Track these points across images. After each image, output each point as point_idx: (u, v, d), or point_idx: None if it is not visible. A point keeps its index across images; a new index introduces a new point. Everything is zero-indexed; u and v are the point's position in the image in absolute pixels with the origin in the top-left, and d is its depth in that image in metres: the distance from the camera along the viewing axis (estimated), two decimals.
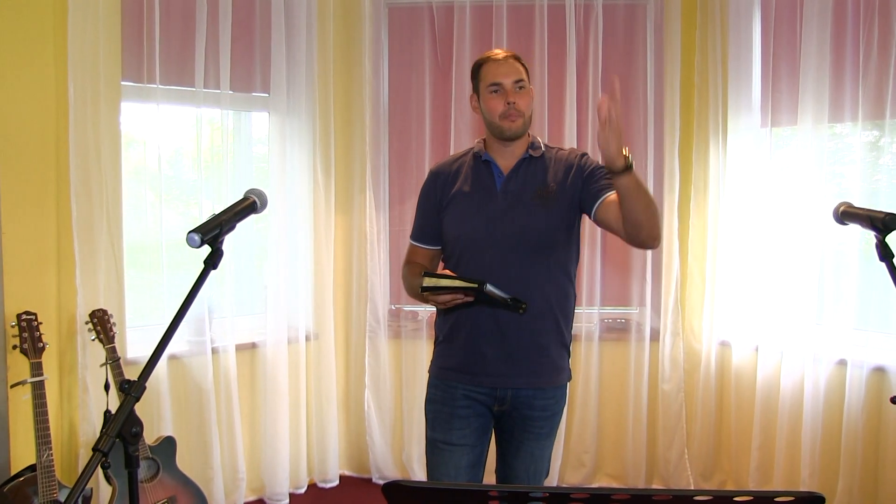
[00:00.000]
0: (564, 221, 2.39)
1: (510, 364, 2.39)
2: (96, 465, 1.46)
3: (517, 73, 2.39)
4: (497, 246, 2.37)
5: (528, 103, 2.41)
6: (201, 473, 3.59)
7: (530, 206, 2.38)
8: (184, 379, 3.64)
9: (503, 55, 2.43)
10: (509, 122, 2.37)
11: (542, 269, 2.38)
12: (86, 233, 3.29)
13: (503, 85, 2.37)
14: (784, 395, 3.64)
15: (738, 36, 3.85)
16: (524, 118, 2.38)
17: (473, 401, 2.43)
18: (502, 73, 2.38)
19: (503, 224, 2.38)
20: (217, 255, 1.79)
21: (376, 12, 4.15)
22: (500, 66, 2.39)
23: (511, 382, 2.40)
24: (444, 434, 2.45)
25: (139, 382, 1.57)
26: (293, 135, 3.96)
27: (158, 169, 3.57)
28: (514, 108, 2.36)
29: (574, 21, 4.02)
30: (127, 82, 3.45)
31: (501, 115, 2.37)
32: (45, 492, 2.87)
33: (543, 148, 2.47)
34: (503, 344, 2.39)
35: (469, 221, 2.42)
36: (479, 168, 2.47)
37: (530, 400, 2.42)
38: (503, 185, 2.42)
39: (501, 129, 2.39)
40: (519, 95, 2.37)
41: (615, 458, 4.16)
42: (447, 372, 2.47)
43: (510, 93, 2.36)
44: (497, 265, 2.35)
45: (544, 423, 2.45)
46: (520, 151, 2.44)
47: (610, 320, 4.21)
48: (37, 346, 2.98)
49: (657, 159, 4.08)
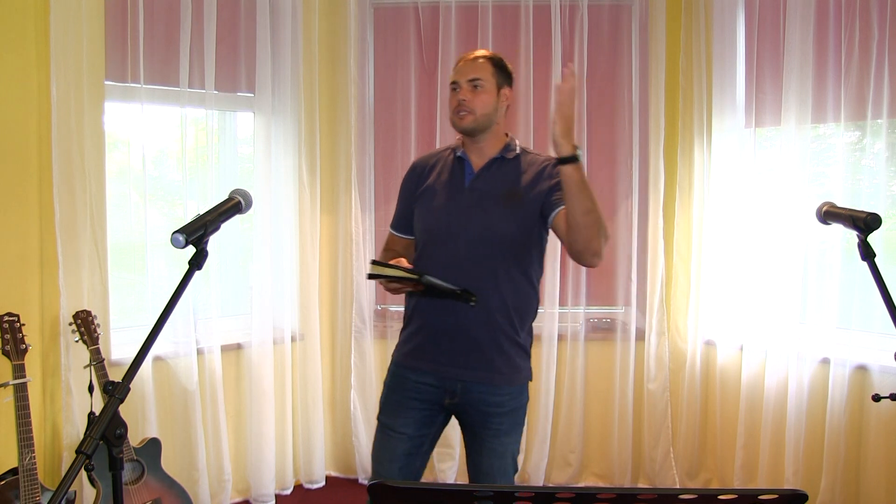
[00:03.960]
0: (527, 226, 2.42)
1: (459, 357, 2.43)
2: (80, 468, 1.45)
3: (476, 71, 2.44)
4: (456, 241, 2.42)
5: (485, 102, 2.43)
6: (187, 475, 3.57)
7: (494, 206, 2.42)
8: (169, 380, 3.62)
9: (474, 56, 2.49)
10: (458, 119, 2.44)
11: (498, 267, 2.40)
12: (69, 233, 3.26)
13: (459, 83, 2.45)
14: (768, 394, 3.67)
15: (723, 37, 3.88)
16: (475, 116, 2.42)
17: (423, 391, 2.47)
18: (462, 71, 2.46)
19: (465, 220, 2.43)
20: (202, 255, 1.78)
21: (362, 12, 4.14)
22: (464, 66, 2.47)
23: (460, 376, 2.43)
24: (388, 419, 2.52)
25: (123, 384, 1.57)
26: (278, 135, 3.95)
27: (143, 169, 3.55)
28: (463, 105, 2.42)
29: (559, 21, 4.03)
30: (110, 82, 3.43)
31: (453, 111, 2.46)
32: (28, 495, 2.84)
33: (519, 150, 2.50)
34: (454, 337, 2.43)
35: (433, 214, 2.50)
36: (454, 164, 2.53)
37: (483, 396, 2.44)
38: (471, 183, 2.47)
39: (453, 124, 2.47)
40: (473, 94, 2.42)
41: (601, 457, 4.18)
42: (401, 359, 2.54)
43: (463, 91, 2.43)
44: (454, 259, 2.40)
45: (502, 420, 2.46)
46: (493, 151, 2.49)
47: (595, 320, 4.22)
48: (19, 348, 2.96)
49: (642, 159, 4.10)
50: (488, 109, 2.43)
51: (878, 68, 3.36)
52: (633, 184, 4.11)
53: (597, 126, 4.15)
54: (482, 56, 2.48)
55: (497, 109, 2.47)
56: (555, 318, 4.10)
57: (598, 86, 4.13)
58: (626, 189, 4.14)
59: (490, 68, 2.45)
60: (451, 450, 4.12)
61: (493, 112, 2.45)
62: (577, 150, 2.17)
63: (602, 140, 4.16)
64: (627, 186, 4.14)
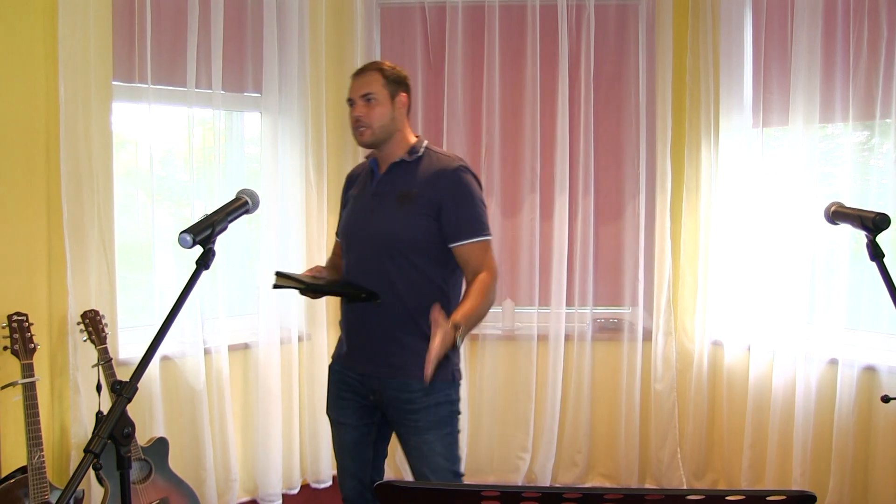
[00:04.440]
0: (420, 225, 2.44)
1: (372, 356, 2.51)
2: (88, 467, 1.46)
3: (366, 86, 2.50)
4: (361, 243, 2.52)
5: (380, 114, 2.48)
6: (194, 474, 3.58)
7: (391, 208, 2.47)
8: (176, 380, 3.63)
9: (363, 71, 2.56)
10: (358, 135, 2.51)
11: (396, 268, 2.43)
12: (77, 233, 3.28)
13: (353, 100, 2.52)
14: (776, 395, 3.65)
15: (730, 36, 3.87)
16: (373, 130, 2.48)
17: (354, 386, 2.57)
18: (353, 88, 2.53)
19: (365, 223, 2.53)
20: (209, 255, 1.79)
21: (368, 12, 4.15)
22: (354, 82, 2.54)
23: (374, 373, 2.50)
24: (333, 412, 2.64)
25: (131, 383, 1.57)
26: (285, 135, 3.96)
27: (150, 169, 3.56)
28: (360, 121, 2.48)
29: (566, 21, 4.02)
30: (118, 82, 3.44)
31: (352, 128, 2.53)
32: (37, 494, 2.85)
33: (422, 152, 2.53)
34: (366, 336, 2.52)
35: (346, 220, 2.63)
36: (368, 171, 2.63)
37: (396, 393, 2.48)
38: (374, 187, 2.55)
39: (356, 140, 2.54)
40: (367, 108, 2.48)
41: (608, 457, 4.17)
42: (334, 358, 2.66)
43: (358, 107, 2.50)
44: (359, 261, 2.51)
45: (417, 417, 2.47)
46: (394, 156, 2.53)
47: (602, 320, 4.22)
48: (28, 347, 2.97)
49: (649, 159, 4.09)
50: (385, 120, 2.49)
51: (888, 67, 3.34)
52: (639, 184, 4.11)
53: (603, 126, 4.14)
54: (371, 69, 2.54)
55: (395, 118, 2.52)
56: (561, 318, 4.10)
57: (604, 86, 4.13)
58: (633, 189, 4.13)
59: (380, 80, 2.50)
60: None
61: (391, 121, 2.51)
62: (458, 338, 2.25)
63: (609, 140, 4.15)
64: (634, 186, 4.13)
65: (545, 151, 4.11)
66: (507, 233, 4.19)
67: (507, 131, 4.15)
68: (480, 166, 4.14)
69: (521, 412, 4.14)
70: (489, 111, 4.12)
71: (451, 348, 2.23)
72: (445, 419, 2.49)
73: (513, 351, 4.17)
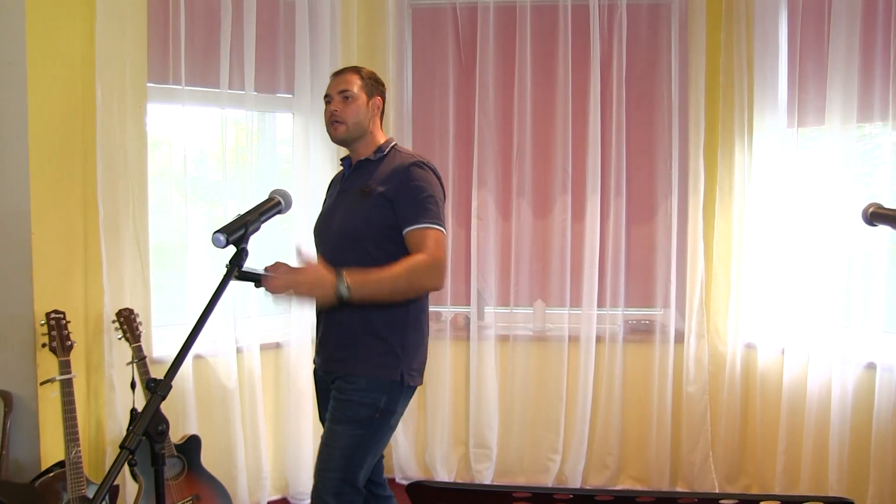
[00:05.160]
0: (376, 221, 2.48)
1: (331, 350, 2.56)
2: (123, 462, 1.48)
3: (344, 84, 2.62)
4: (326, 239, 2.63)
5: (355, 112, 2.59)
6: (226, 472, 3.61)
7: (352, 204, 2.55)
8: (208, 378, 3.67)
9: (343, 71, 2.69)
10: (332, 129, 2.61)
11: (357, 260, 2.41)
12: (112, 233, 3.32)
13: (331, 96, 2.63)
14: (811, 399, 3.59)
15: (765, 35, 3.82)
16: (347, 126, 2.58)
17: (322, 384, 2.66)
18: (332, 85, 2.64)
19: (331, 220, 2.62)
20: (242, 255, 1.80)
21: (400, 12, 4.16)
22: (333, 81, 2.66)
23: (332, 367, 2.55)
24: (320, 412, 2.72)
25: (165, 381, 1.59)
26: (317, 135, 3.97)
27: (184, 170, 3.60)
28: (335, 115, 2.59)
29: (598, 21, 4.01)
30: (153, 84, 3.49)
31: (327, 123, 2.63)
32: (74, 487, 2.90)
33: (387, 152, 2.62)
34: (326, 331, 2.59)
35: (317, 219, 2.73)
36: (342, 173, 2.74)
37: (340, 383, 2.51)
38: (342, 184, 2.67)
39: (330, 135, 2.64)
40: (343, 105, 2.59)
41: (638, 460, 4.14)
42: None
43: (335, 102, 2.61)
44: (325, 255, 2.55)
45: (338, 406, 2.48)
46: (362, 155, 2.63)
47: (634, 321, 4.19)
48: (65, 345, 3.02)
49: (681, 160, 4.06)
50: (359, 118, 2.60)
51: None
52: (672, 185, 4.07)
53: (635, 126, 4.11)
54: (350, 69, 2.68)
55: (368, 118, 2.62)
56: (592, 319, 4.07)
57: (636, 86, 4.10)
58: (665, 190, 4.10)
59: (358, 81, 2.63)
60: (487, 450, 4.12)
61: (365, 120, 2.61)
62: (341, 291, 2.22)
63: (641, 141, 4.12)
64: (666, 187, 4.10)
65: (577, 152, 4.09)
66: (539, 233, 4.18)
67: (538, 132, 4.13)
68: (512, 167, 4.13)
69: (552, 413, 4.12)
70: (520, 111, 4.11)
71: (323, 288, 2.20)
72: (363, 421, 2.45)
73: (544, 352, 4.16)
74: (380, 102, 2.67)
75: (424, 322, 2.61)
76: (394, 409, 2.49)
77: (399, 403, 2.51)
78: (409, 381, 2.51)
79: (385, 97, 2.72)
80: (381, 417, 2.47)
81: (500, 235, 4.20)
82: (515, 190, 4.14)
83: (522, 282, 4.20)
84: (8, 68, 3.09)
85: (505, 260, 4.20)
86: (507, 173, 4.17)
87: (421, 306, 2.57)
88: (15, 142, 3.12)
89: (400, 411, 2.53)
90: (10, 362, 3.14)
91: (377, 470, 2.67)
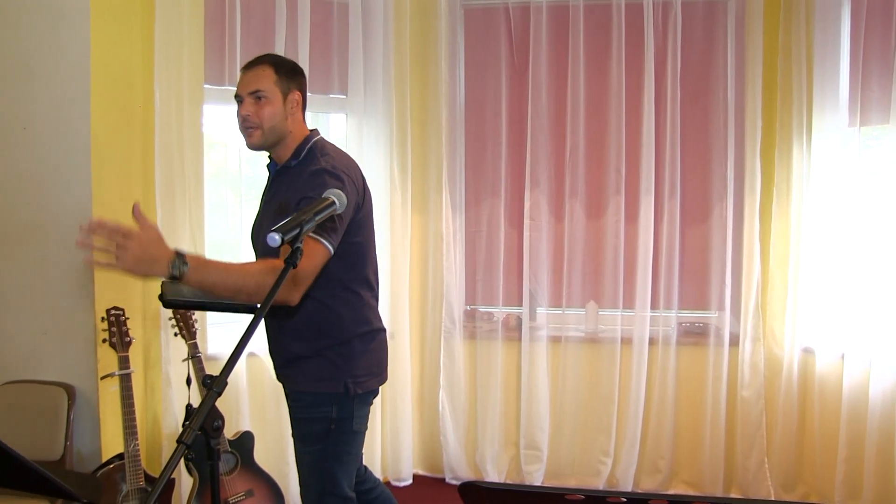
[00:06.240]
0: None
1: (277, 366, 2.51)
2: (180, 457, 1.50)
3: (255, 82, 2.31)
4: (257, 249, 2.47)
5: (270, 115, 2.31)
6: (278, 468, 3.65)
7: (271, 221, 2.22)
8: (261, 376, 3.71)
9: (254, 65, 2.35)
10: (246, 136, 2.35)
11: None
12: (170, 232, 3.39)
13: (241, 96, 2.33)
14: (873, 406, 3.49)
15: (825, 31, 3.71)
16: (262, 131, 2.31)
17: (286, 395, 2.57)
18: (242, 83, 2.34)
19: (258, 234, 2.44)
20: (297, 254, 1.81)
21: (452, 13, 4.16)
22: (244, 76, 2.34)
23: (280, 379, 2.52)
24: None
25: (221, 377, 1.61)
26: (370, 136, 4.01)
27: (239, 170, 3.66)
28: (248, 120, 2.31)
29: (652, 20, 3.95)
30: (209, 85, 3.55)
31: (239, 128, 2.35)
32: (133, 479, 2.98)
33: (303, 156, 2.36)
34: (271, 347, 2.51)
35: (251, 228, 2.53)
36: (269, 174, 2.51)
37: (290, 400, 2.50)
38: (264, 195, 2.49)
39: (245, 142, 2.37)
40: (256, 107, 2.30)
41: (691, 464, 4.07)
42: None
43: (245, 105, 2.32)
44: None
45: (294, 424, 2.47)
46: (283, 159, 2.39)
47: (687, 324, 4.12)
48: (124, 340, 3.10)
49: (738, 160, 3.98)
50: (275, 121, 2.32)
51: None
52: (727, 186, 4.00)
53: (690, 126, 4.04)
54: (262, 62, 2.35)
55: (287, 118, 2.34)
56: (646, 321, 4.03)
57: (691, 85, 4.03)
58: (721, 191, 4.03)
59: (272, 76, 2.31)
60: (538, 452, 4.10)
61: (282, 121, 2.34)
62: (174, 266, 1.95)
63: (696, 141, 4.06)
64: (722, 188, 4.02)
65: (630, 152, 4.04)
66: (591, 235, 4.14)
67: (591, 132, 4.10)
68: (565, 167, 4.10)
69: (604, 416, 4.09)
70: (574, 112, 4.07)
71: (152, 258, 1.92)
72: (319, 435, 2.35)
73: (596, 354, 4.12)
74: (298, 97, 2.36)
75: (371, 326, 2.45)
76: (349, 416, 2.37)
77: (354, 410, 2.38)
78: (356, 389, 2.36)
79: (305, 87, 2.41)
80: (336, 427, 2.35)
81: (552, 236, 4.17)
82: (568, 191, 4.11)
83: (575, 283, 4.17)
84: (73, 72, 3.18)
85: (557, 261, 4.18)
86: (559, 174, 4.14)
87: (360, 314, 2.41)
88: (78, 144, 3.20)
89: (359, 417, 2.41)
90: (72, 357, 3.23)
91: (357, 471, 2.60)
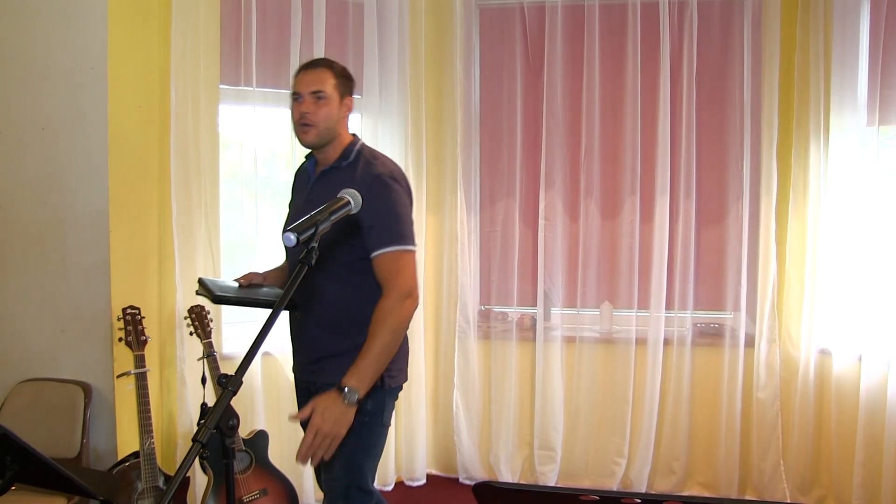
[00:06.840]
0: (345, 241, 2.35)
1: (305, 361, 2.53)
2: (195, 455, 1.51)
3: (318, 83, 2.39)
4: (292, 251, 2.37)
5: (327, 115, 2.39)
6: (292, 468, 3.65)
7: None
8: (276, 375, 3.72)
9: (315, 66, 2.44)
10: (302, 134, 2.42)
11: (318, 282, 2.37)
12: (185, 232, 3.41)
13: (301, 94, 2.40)
14: (892, 408, 3.46)
15: (844, 30, 3.68)
16: (318, 130, 2.39)
17: (301, 388, 2.59)
18: (303, 82, 2.41)
19: None
20: (312, 253, 1.82)
21: (467, 13, 4.16)
22: (305, 76, 2.42)
23: (310, 378, 2.51)
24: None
25: (236, 377, 1.62)
26: (385, 135, 4.01)
27: (254, 170, 3.67)
28: (306, 117, 2.38)
29: (668, 19, 3.94)
30: (225, 85, 3.56)
31: (295, 125, 2.42)
32: (148, 477, 3.00)
33: (353, 158, 2.44)
34: (298, 342, 2.55)
35: (283, 226, 2.50)
36: (306, 173, 2.57)
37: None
38: (308, 191, 2.50)
39: (298, 138, 2.45)
40: (316, 106, 2.38)
41: (706, 466, 4.05)
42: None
43: (305, 103, 2.39)
44: (291, 268, 2.35)
45: None
46: (329, 160, 2.46)
47: (703, 325, 4.10)
48: (140, 339, 3.12)
49: (754, 160, 3.95)
50: (331, 122, 2.41)
51: None
52: (743, 186, 3.98)
53: (706, 126, 4.02)
54: (323, 64, 2.44)
55: (339, 120, 2.44)
56: (661, 321, 4.01)
57: (707, 84, 4.01)
58: (737, 191, 4.00)
59: (332, 79, 2.41)
60: (552, 452, 4.09)
61: (336, 123, 2.43)
62: (347, 397, 2.20)
63: (711, 141, 4.04)
64: (738, 188, 4.00)
65: (646, 152, 4.03)
66: (606, 235, 4.13)
67: (607, 132, 4.09)
68: (580, 167, 4.09)
69: (618, 417, 4.07)
70: (589, 111, 4.06)
71: (341, 414, 2.20)
72: (353, 428, 2.32)
73: (610, 354, 4.11)
74: (350, 103, 2.49)
75: None
76: (381, 409, 2.43)
77: (385, 404, 2.44)
78: (390, 384, 2.43)
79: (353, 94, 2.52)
80: (370, 420, 2.40)
81: (567, 236, 4.16)
82: (583, 191, 4.10)
83: (589, 283, 4.15)
84: (90, 73, 3.20)
85: (572, 261, 4.16)
86: (575, 174, 4.13)
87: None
88: (95, 144, 3.23)
89: (388, 410, 2.48)
90: (89, 355, 3.26)
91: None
